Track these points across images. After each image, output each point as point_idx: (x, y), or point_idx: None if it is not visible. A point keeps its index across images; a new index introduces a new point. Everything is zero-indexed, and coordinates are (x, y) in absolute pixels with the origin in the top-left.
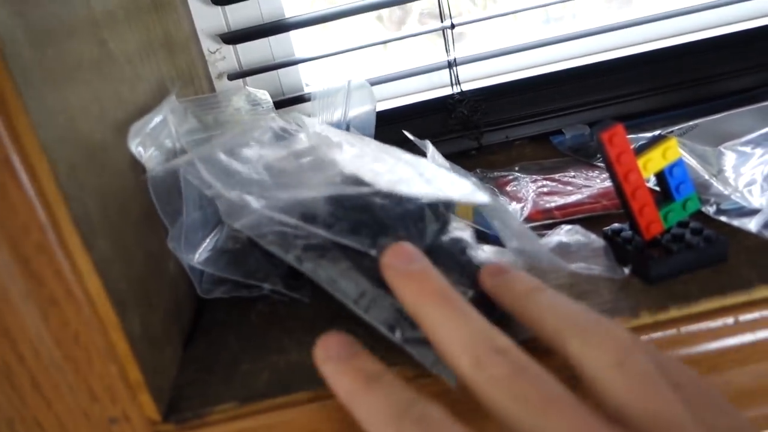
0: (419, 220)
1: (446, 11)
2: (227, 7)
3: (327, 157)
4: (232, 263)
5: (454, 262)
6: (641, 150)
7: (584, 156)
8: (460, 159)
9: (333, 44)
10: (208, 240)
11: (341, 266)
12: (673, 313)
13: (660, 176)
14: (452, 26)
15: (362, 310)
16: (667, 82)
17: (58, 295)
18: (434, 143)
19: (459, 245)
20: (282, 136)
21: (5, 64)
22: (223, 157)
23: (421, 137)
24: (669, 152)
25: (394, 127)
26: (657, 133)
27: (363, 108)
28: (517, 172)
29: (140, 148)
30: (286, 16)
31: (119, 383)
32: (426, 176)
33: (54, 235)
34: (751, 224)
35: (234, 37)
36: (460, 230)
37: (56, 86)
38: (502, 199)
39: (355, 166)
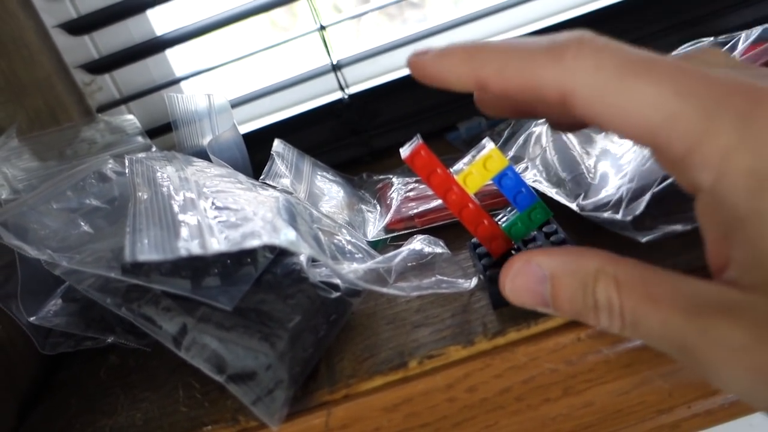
0: (248, 253)
1: (315, 12)
2: (98, 38)
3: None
4: (75, 316)
5: (285, 290)
6: (463, 164)
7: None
8: (353, 166)
9: (214, 57)
10: (58, 291)
11: (161, 306)
12: (512, 335)
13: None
14: (322, 27)
15: (184, 350)
16: None
17: None
18: (323, 153)
19: (291, 271)
20: (110, 178)
21: None
22: (32, 216)
23: (311, 147)
24: (490, 163)
25: (285, 139)
26: (481, 143)
27: (225, 129)
28: (396, 175)
29: None
30: (158, 34)
31: None
32: (231, 218)
33: None
34: (618, 215)
35: (99, 66)
36: (295, 255)
37: None
38: (370, 205)
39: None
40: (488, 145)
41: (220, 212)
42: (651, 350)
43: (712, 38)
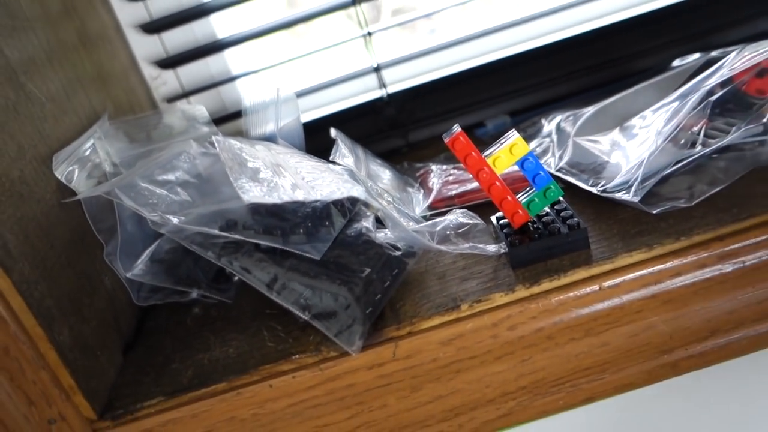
0: (326, 216)
1: (362, 19)
2: (165, 36)
3: (237, 172)
4: (164, 273)
5: (357, 247)
6: (493, 149)
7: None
8: (393, 155)
9: (267, 58)
10: (146, 252)
11: (254, 258)
12: (546, 284)
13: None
14: (368, 34)
15: (275, 293)
16: (582, 66)
17: None
18: (366, 144)
19: (361, 233)
20: (197, 157)
21: None
22: (142, 183)
23: (355, 139)
24: (515, 149)
25: (326, 134)
26: (508, 133)
27: (290, 118)
28: (434, 163)
29: (71, 171)
30: (219, 37)
31: (52, 388)
32: (313, 182)
33: None
34: (629, 195)
35: (169, 63)
36: (364, 219)
37: None
38: (415, 189)
39: (258, 179)
40: (514, 135)
41: (306, 176)
42: (659, 299)
43: (701, 53)
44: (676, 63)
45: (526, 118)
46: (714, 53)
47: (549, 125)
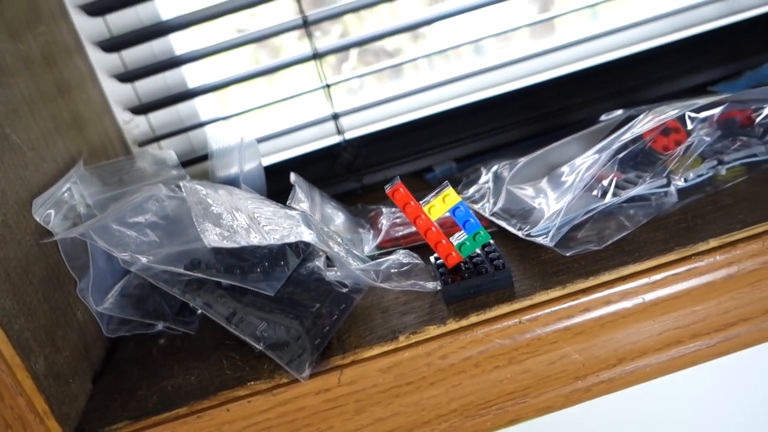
0: (280, 257)
1: (321, 73)
2: (137, 84)
3: (200, 215)
4: (132, 306)
5: (309, 285)
6: (429, 198)
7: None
8: (348, 197)
9: (234, 105)
10: (116, 287)
11: (216, 294)
12: (473, 317)
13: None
14: (327, 86)
15: (234, 326)
16: (521, 118)
17: None
18: (323, 186)
19: (313, 272)
20: (165, 200)
21: None
22: (114, 225)
23: (313, 182)
24: (448, 199)
25: (287, 176)
26: (443, 184)
27: (253, 164)
28: (384, 206)
29: (48, 214)
30: (189, 85)
31: (28, 413)
32: (268, 226)
33: None
34: (547, 240)
35: (141, 109)
36: (316, 259)
37: None
38: (366, 230)
39: (219, 222)
40: (447, 187)
41: (262, 221)
42: (571, 331)
43: (623, 110)
44: (603, 117)
45: (470, 165)
46: (633, 111)
47: (487, 173)
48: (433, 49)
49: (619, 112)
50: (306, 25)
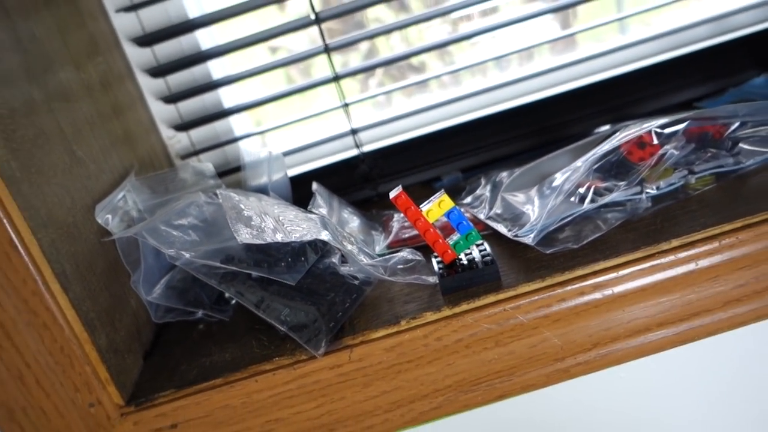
0: (301, 253)
1: (341, 93)
2: (180, 104)
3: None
4: (176, 296)
5: (325, 277)
6: (427, 204)
7: (455, 196)
8: (365, 204)
9: (265, 122)
10: (162, 280)
11: (247, 284)
12: (464, 305)
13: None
14: (346, 105)
15: (262, 311)
16: (521, 132)
17: (48, 322)
18: (342, 194)
19: (329, 266)
20: (204, 205)
21: (6, 185)
22: (162, 227)
23: (333, 191)
24: (443, 204)
25: (310, 185)
26: (441, 191)
27: (279, 174)
28: (395, 212)
29: (108, 218)
30: (225, 106)
31: (93, 379)
32: (291, 227)
33: (42, 285)
34: (530, 240)
35: (183, 126)
36: (333, 256)
37: (40, 191)
38: (378, 232)
39: (250, 224)
40: (442, 193)
41: (286, 223)
42: (550, 318)
43: (611, 125)
44: (594, 132)
45: (473, 175)
46: (619, 126)
47: (486, 182)
48: (443, 70)
49: (607, 127)
50: (327, 50)
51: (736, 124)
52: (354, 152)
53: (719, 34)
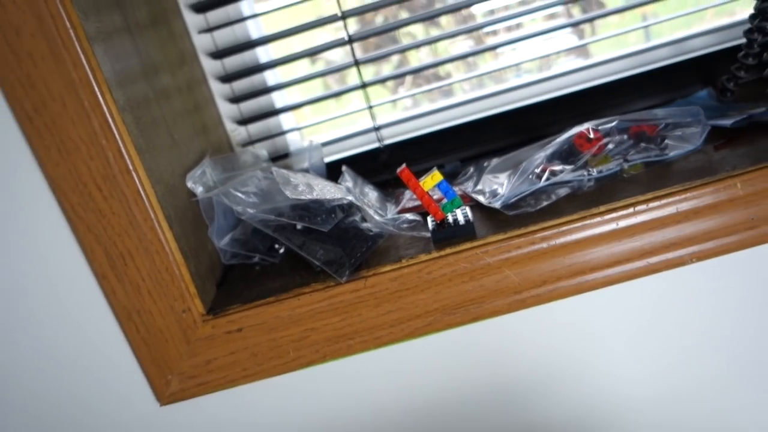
0: (332, 211)
1: (367, 97)
2: (241, 105)
3: (285, 187)
4: (239, 245)
5: (349, 230)
6: (424, 177)
7: (454, 178)
8: (384, 185)
9: (306, 119)
10: (230, 233)
11: (293, 232)
12: (448, 250)
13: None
14: (371, 107)
15: (304, 252)
16: (510, 131)
17: (159, 249)
18: (365, 177)
19: (353, 222)
20: (261, 179)
21: (137, 153)
22: (233, 191)
23: (359, 173)
24: (434, 177)
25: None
26: (434, 169)
27: (317, 159)
28: (406, 190)
29: (193, 185)
30: (276, 106)
31: (186, 294)
32: (325, 192)
33: (156, 223)
34: (497, 205)
35: (243, 121)
36: (354, 215)
37: (154, 160)
38: (391, 203)
39: (297, 190)
40: (434, 170)
41: (322, 190)
42: (509, 261)
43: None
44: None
45: (468, 163)
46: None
47: (476, 167)
48: (456, 78)
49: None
50: (357, 64)
51: (663, 125)
52: (376, 144)
53: (672, 57)
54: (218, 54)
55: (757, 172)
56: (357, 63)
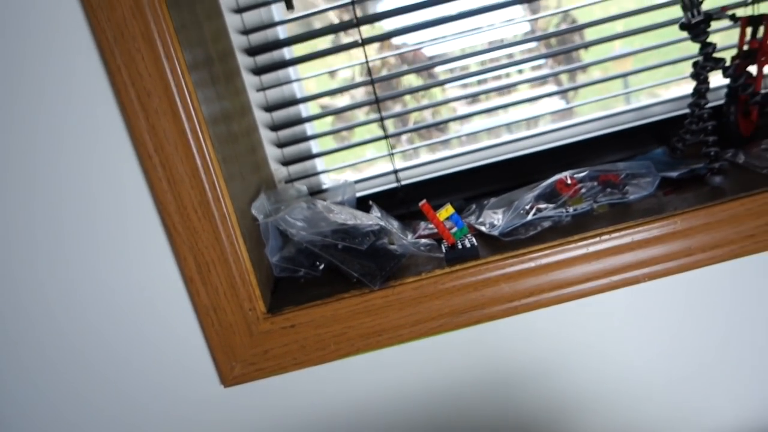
0: (367, 235)
1: (389, 145)
2: (284, 149)
3: (327, 216)
4: (288, 261)
5: (379, 250)
6: (439, 210)
7: (460, 213)
8: (402, 218)
9: (337, 162)
10: (279, 252)
11: (335, 251)
12: (457, 267)
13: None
14: (392, 153)
15: (346, 265)
16: (506, 177)
17: (236, 261)
18: (387, 212)
19: (383, 244)
20: (305, 210)
21: (227, 189)
22: (287, 217)
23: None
24: (447, 210)
25: (367, 203)
26: (447, 203)
27: (350, 194)
28: (422, 222)
29: (255, 213)
30: (312, 151)
31: (252, 296)
32: (363, 220)
33: (236, 240)
34: (495, 233)
35: (285, 162)
36: (383, 239)
37: (234, 191)
38: (410, 230)
39: (338, 218)
40: (447, 205)
41: (358, 217)
42: (504, 277)
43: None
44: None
45: (472, 201)
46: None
47: (477, 205)
48: (467, 130)
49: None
50: (382, 120)
51: (625, 175)
52: (395, 185)
53: (635, 120)
54: (268, 108)
55: (693, 212)
56: (382, 119)
